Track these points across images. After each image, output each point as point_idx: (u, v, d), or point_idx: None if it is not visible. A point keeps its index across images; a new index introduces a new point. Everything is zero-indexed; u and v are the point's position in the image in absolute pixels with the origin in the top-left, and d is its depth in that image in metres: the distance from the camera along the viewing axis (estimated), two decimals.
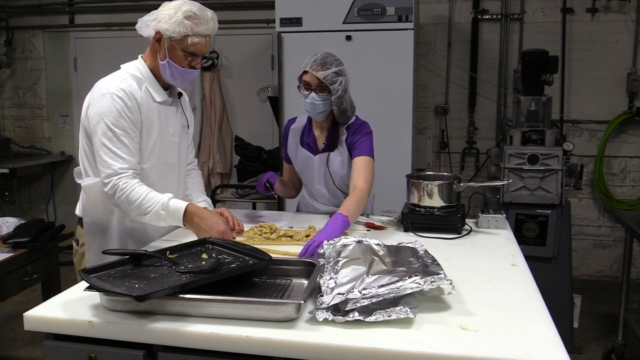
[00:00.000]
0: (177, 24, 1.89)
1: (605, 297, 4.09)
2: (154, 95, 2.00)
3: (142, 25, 1.96)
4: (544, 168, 3.22)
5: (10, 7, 5.06)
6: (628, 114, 4.16)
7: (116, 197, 1.88)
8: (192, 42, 1.92)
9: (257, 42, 4.67)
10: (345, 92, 2.25)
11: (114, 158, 1.88)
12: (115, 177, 1.87)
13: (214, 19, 1.96)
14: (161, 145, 2.03)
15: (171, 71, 1.96)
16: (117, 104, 1.88)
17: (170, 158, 2.08)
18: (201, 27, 1.91)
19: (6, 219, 2.87)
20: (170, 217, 1.89)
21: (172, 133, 2.07)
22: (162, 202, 1.87)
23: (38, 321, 1.38)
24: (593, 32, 4.19)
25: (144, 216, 1.89)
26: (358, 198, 2.14)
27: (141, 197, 1.87)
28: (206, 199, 2.28)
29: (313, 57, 2.22)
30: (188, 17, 1.89)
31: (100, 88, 1.93)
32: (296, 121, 2.46)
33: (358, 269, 1.46)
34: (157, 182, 2.02)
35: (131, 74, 1.97)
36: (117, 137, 1.88)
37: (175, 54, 1.93)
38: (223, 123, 4.75)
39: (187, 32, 1.90)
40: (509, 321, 1.31)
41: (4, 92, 5.25)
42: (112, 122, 1.88)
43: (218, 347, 1.26)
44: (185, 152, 2.21)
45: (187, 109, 2.22)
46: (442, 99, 4.47)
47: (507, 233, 2.13)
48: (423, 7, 4.19)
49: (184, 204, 1.90)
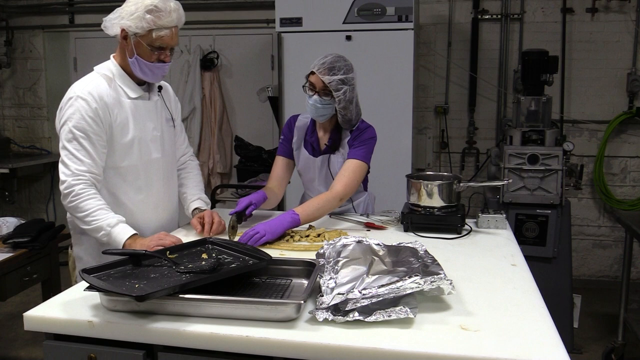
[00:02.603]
0: (140, 20, 1.87)
1: (605, 297, 4.09)
2: (128, 92, 1.98)
3: (108, 25, 1.95)
4: (544, 168, 3.22)
5: (10, 7, 5.06)
6: (628, 114, 4.16)
7: (68, 199, 1.87)
8: (157, 35, 1.90)
9: (257, 42, 4.67)
10: (350, 103, 2.21)
11: (73, 160, 1.88)
12: (72, 178, 1.86)
13: (177, 10, 1.93)
14: (141, 141, 2.01)
15: (141, 67, 1.94)
16: (81, 108, 1.88)
17: (152, 153, 2.06)
18: (164, 19, 1.89)
19: (6, 219, 2.87)
20: (114, 237, 1.85)
21: (152, 128, 2.05)
22: (107, 222, 1.85)
23: (38, 321, 1.38)
24: (593, 32, 4.19)
25: (87, 227, 1.88)
26: (323, 201, 2.13)
27: (92, 209, 1.85)
28: (201, 197, 2.24)
29: (323, 58, 2.18)
30: (149, 11, 1.87)
31: (68, 92, 1.93)
32: (300, 119, 2.40)
33: (358, 269, 1.46)
34: (140, 179, 2.02)
35: (101, 74, 1.97)
36: (77, 140, 1.88)
37: (143, 50, 1.92)
38: (223, 123, 4.75)
39: (151, 26, 1.88)
40: (509, 321, 1.31)
41: (4, 92, 5.24)
42: (74, 125, 1.87)
43: (218, 347, 1.26)
44: (172, 145, 2.18)
45: (171, 102, 2.19)
46: (442, 99, 4.46)
47: (507, 233, 2.13)
48: (423, 7, 4.18)
49: (125, 236, 1.85)
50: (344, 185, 2.17)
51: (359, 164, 2.22)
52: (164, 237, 1.85)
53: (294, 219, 2.03)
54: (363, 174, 2.27)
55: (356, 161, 2.22)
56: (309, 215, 2.09)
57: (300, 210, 2.08)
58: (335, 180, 2.20)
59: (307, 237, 2.01)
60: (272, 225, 1.96)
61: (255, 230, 1.92)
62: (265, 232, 1.92)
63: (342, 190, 2.16)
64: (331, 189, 2.18)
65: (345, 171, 2.21)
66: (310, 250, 1.85)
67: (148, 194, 2.06)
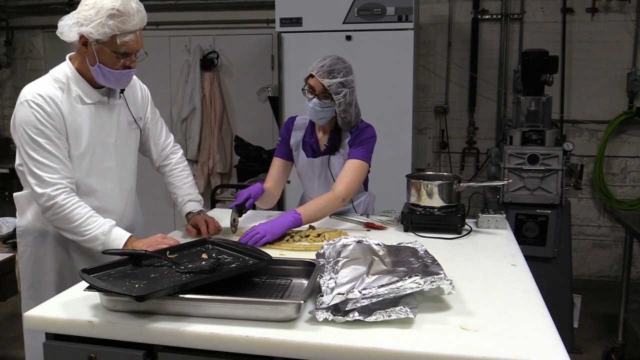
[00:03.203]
0: (101, 26, 1.72)
1: (605, 297, 4.09)
2: (83, 97, 1.85)
3: (64, 30, 1.78)
4: (544, 168, 3.22)
5: (10, 7, 5.06)
6: (628, 114, 4.16)
7: (51, 211, 1.78)
8: (121, 41, 1.75)
9: (257, 42, 4.67)
10: (350, 105, 2.20)
11: (44, 169, 1.77)
12: (50, 189, 1.76)
13: (140, 11, 1.78)
14: (95, 151, 1.89)
15: (104, 75, 1.80)
16: (35, 112, 1.75)
17: (104, 162, 1.93)
18: (128, 23, 1.74)
19: (6, 219, 2.87)
20: (110, 245, 1.80)
21: (106, 134, 1.92)
22: (101, 230, 1.79)
23: (38, 321, 1.38)
24: (593, 32, 4.19)
25: (80, 238, 1.81)
26: (325, 201, 2.12)
27: (82, 219, 1.79)
28: (192, 197, 2.18)
29: (322, 61, 2.16)
30: (111, 16, 1.72)
31: (20, 96, 1.80)
32: (298, 120, 2.39)
33: (358, 269, 1.46)
34: (94, 188, 1.92)
35: (55, 78, 1.83)
36: (41, 146, 1.76)
37: (106, 57, 1.77)
38: (223, 123, 4.75)
39: (114, 32, 1.73)
40: (509, 321, 1.31)
41: (4, 92, 5.24)
42: (33, 131, 1.76)
43: (218, 347, 1.26)
44: (131, 150, 2.06)
45: (137, 99, 2.05)
46: (442, 99, 4.46)
47: (507, 233, 2.13)
48: (423, 7, 4.19)
49: (122, 242, 1.81)
50: (346, 185, 2.17)
51: (360, 163, 2.22)
52: (161, 241, 1.82)
53: (296, 219, 2.03)
54: (364, 174, 2.27)
55: (357, 161, 2.22)
56: (311, 215, 2.08)
57: (303, 210, 2.07)
58: (337, 180, 2.20)
59: (307, 237, 2.01)
60: (273, 226, 1.96)
61: (256, 230, 1.92)
62: (266, 232, 1.92)
63: (344, 191, 2.16)
64: (333, 189, 2.17)
65: (347, 171, 2.20)
66: (310, 250, 1.85)
67: (97, 200, 1.94)
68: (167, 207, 4.80)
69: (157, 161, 2.22)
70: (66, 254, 1.97)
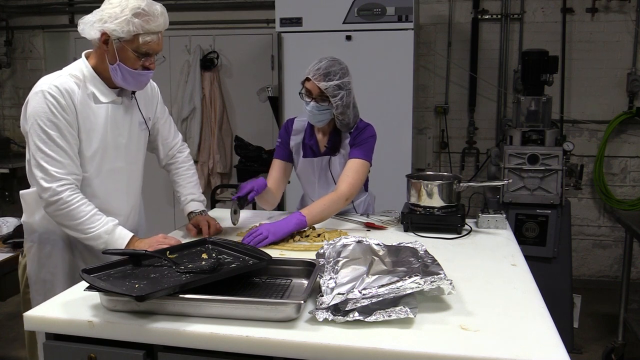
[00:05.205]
0: (126, 23, 1.73)
1: (605, 297, 4.09)
2: (99, 96, 1.84)
3: (85, 27, 1.80)
4: (544, 168, 3.22)
5: (10, 7, 5.06)
6: (628, 114, 4.16)
7: (55, 207, 1.76)
8: (144, 41, 1.76)
9: (257, 42, 4.67)
10: (347, 107, 2.19)
11: (51, 163, 1.75)
12: (56, 184, 1.74)
13: (164, 14, 1.81)
14: (105, 149, 1.88)
15: (123, 75, 1.80)
16: (49, 103, 1.74)
17: (115, 162, 1.93)
18: (152, 24, 1.76)
19: (6, 219, 2.87)
20: (113, 244, 1.80)
21: (118, 134, 1.91)
22: (105, 229, 1.79)
23: (38, 321, 1.38)
24: (593, 32, 4.19)
25: (82, 235, 1.80)
26: (329, 202, 2.12)
27: (86, 217, 1.78)
28: (195, 197, 2.17)
29: (317, 64, 2.15)
30: (137, 15, 1.73)
31: (35, 86, 1.79)
32: (297, 122, 2.38)
33: (358, 269, 1.46)
34: (101, 189, 1.90)
35: (71, 74, 1.82)
36: (52, 139, 1.74)
37: (127, 56, 1.77)
38: (223, 123, 4.75)
39: (138, 30, 1.74)
40: (509, 321, 1.31)
41: (4, 92, 5.24)
42: (45, 123, 1.74)
43: (218, 347, 1.26)
44: (140, 150, 2.05)
45: (147, 99, 2.05)
46: (442, 99, 4.46)
47: (507, 233, 2.13)
48: (423, 7, 4.19)
49: (124, 241, 1.81)
50: (348, 184, 2.16)
51: (362, 162, 2.22)
52: (162, 241, 1.82)
53: (301, 221, 2.02)
54: (366, 173, 2.27)
55: (358, 160, 2.22)
56: (316, 216, 2.08)
57: (307, 212, 2.06)
58: (340, 180, 2.20)
59: (307, 237, 2.01)
60: (277, 227, 1.95)
61: (259, 231, 1.92)
62: (269, 233, 1.92)
63: (347, 190, 2.16)
64: (336, 189, 2.17)
65: (349, 171, 2.20)
66: (310, 250, 1.85)
67: (103, 201, 1.92)
68: (168, 207, 4.81)
69: (164, 159, 2.22)
70: (73, 252, 1.97)
